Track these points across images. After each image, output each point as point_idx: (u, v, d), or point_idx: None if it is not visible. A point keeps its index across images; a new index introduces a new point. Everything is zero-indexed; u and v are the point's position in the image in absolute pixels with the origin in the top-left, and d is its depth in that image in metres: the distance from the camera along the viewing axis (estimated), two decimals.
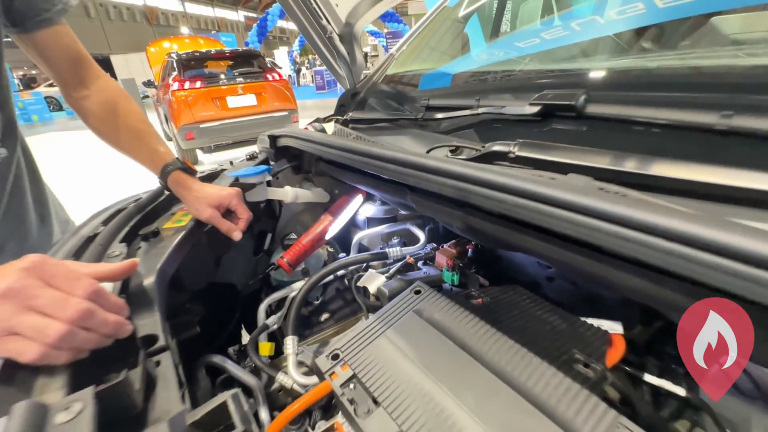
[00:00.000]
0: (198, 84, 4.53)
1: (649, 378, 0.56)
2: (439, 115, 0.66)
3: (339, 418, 0.55)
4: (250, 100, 4.78)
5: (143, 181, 1.01)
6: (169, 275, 0.57)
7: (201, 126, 4.48)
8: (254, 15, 40.81)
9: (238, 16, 39.50)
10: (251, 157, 0.93)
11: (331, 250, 1.01)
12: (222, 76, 4.86)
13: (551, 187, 0.32)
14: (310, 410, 0.64)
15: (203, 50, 5.42)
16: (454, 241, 0.80)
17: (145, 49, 12.21)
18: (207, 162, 5.11)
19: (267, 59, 5.62)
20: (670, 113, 0.38)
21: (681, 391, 0.54)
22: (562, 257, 0.37)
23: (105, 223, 0.60)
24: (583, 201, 0.30)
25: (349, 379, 0.53)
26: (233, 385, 0.68)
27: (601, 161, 0.38)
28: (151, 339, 0.44)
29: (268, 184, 0.87)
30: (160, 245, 0.59)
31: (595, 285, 0.59)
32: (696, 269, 0.24)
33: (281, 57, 18.22)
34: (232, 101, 4.68)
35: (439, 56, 1.06)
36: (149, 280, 0.50)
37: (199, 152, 4.96)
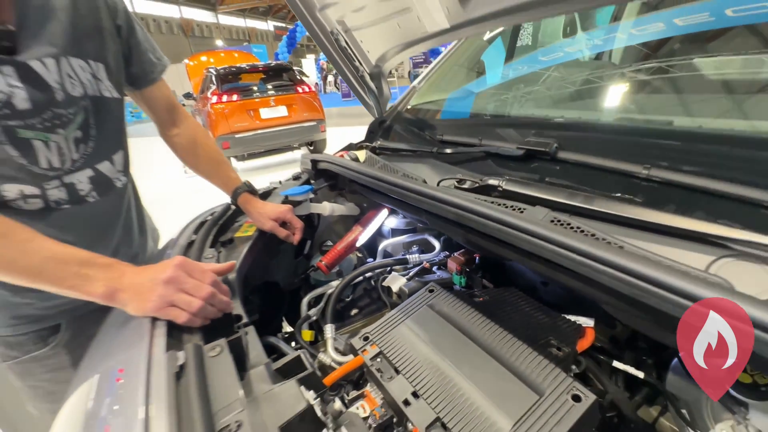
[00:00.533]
0: (234, 97, 4.87)
1: (616, 363, 0.71)
2: (449, 150, 0.83)
3: (368, 388, 0.72)
4: (281, 111, 5.09)
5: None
6: (242, 273, 0.76)
7: (236, 136, 4.81)
8: (283, 25, 42.14)
9: (268, 25, 40.93)
10: (296, 177, 1.13)
11: (360, 255, 1.19)
12: (255, 89, 5.20)
13: (516, 218, 0.48)
14: (341, 384, 0.81)
15: (238, 65, 5.78)
16: (463, 250, 0.95)
17: (181, 60, 13.00)
18: (240, 168, 5.45)
19: (295, 68, 5.95)
20: (611, 163, 0.53)
21: (640, 374, 0.68)
22: (530, 266, 0.52)
23: (195, 232, 0.81)
24: (535, 229, 0.46)
25: (377, 355, 0.69)
26: None
27: (559, 196, 0.54)
28: (239, 317, 0.63)
29: (310, 200, 1.06)
30: (235, 250, 0.79)
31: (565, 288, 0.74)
32: (592, 274, 0.40)
33: (309, 65, 18.81)
34: (265, 113, 4.99)
35: (456, 88, 1.23)
36: (233, 276, 0.69)
37: (232, 159, 5.31)
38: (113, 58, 0.79)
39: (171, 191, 4.83)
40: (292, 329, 1.00)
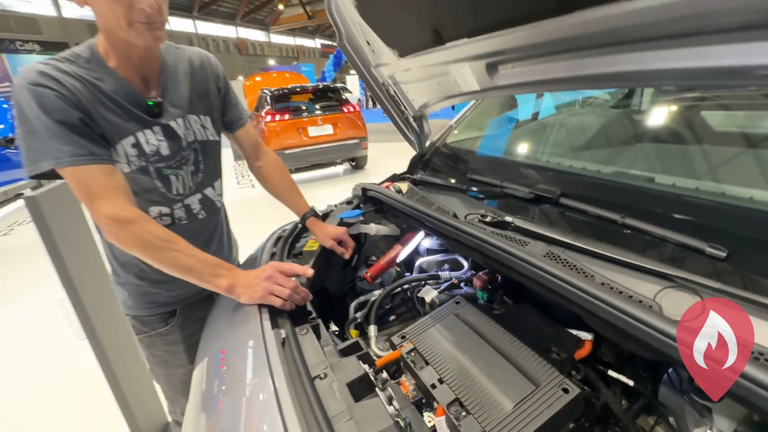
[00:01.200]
0: (286, 116, 5.31)
1: (611, 372, 0.85)
2: (475, 188, 1.02)
3: (402, 377, 0.91)
4: (327, 129, 5.47)
5: None
6: (310, 280, 0.98)
7: (286, 152, 5.23)
8: (329, 42, 44.03)
9: (315, 43, 43.00)
10: (348, 202, 1.36)
11: (399, 269, 1.39)
12: (305, 109, 5.63)
13: (519, 250, 0.66)
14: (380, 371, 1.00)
15: (291, 86, 6.28)
16: (486, 270, 1.13)
17: (236, 77, 14.11)
18: None
19: (338, 84, 6.35)
20: (597, 210, 0.69)
21: (630, 382, 0.82)
22: (531, 286, 0.70)
23: (274, 244, 1.05)
24: (530, 259, 0.64)
25: (411, 350, 0.88)
26: None
27: (556, 233, 0.71)
28: (310, 312, 0.85)
29: (360, 222, 1.28)
30: (304, 262, 1.02)
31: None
32: (571, 296, 0.57)
33: (353, 81, 19.57)
34: (313, 131, 5.39)
35: (486, 131, 1.42)
36: (304, 281, 0.92)
37: None
38: (215, 112, 1.05)
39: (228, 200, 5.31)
40: (337, 328, 1.21)
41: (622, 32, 0.60)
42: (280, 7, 31.56)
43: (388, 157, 7.30)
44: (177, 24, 25.61)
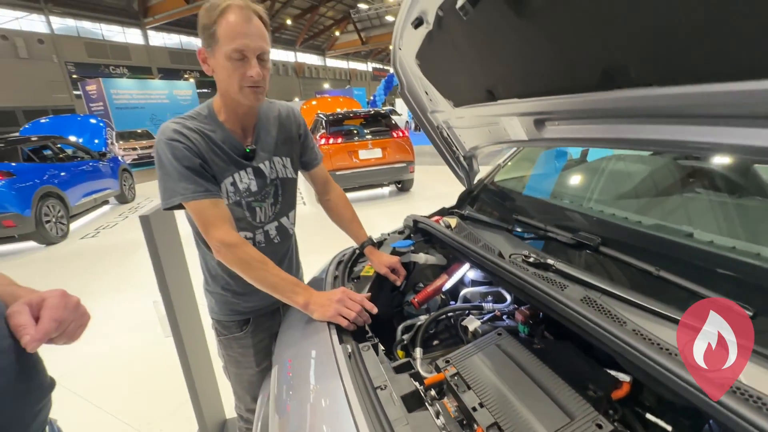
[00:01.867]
0: (339, 140, 5.65)
1: (649, 416, 0.88)
2: (519, 229, 1.11)
3: (445, 399, 1.00)
4: (377, 153, 5.72)
5: None
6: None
7: (337, 173, 5.54)
8: (381, 66, 45.69)
9: (367, 67, 44.86)
10: (400, 232, 1.49)
11: (444, 297, 1.49)
12: (356, 132, 5.95)
13: (557, 293, 0.75)
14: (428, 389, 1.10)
15: (344, 111, 6.67)
16: (529, 305, 1.19)
17: (292, 98, 15.13)
18: None
19: (388, 107, 6.64)
20: (634, 261, 0.76)
21: (668, 428, 0.85)
22: (571, 327, 0.78)
23: (336, 267, 1.20)
24: (568, 302, 0.73)
25: (455, 374, 0.97)
26: None
27: (594, 279, 0.78)
28: (368, 332, 0.97)
29: (411, 252, 1.41)
30: (361, 285, 1.15)
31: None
32: (604, 339, 0.65)
33: (402, 104, 20.12)
34: (363, 154, 5.67)
35: (534, 170, 1.50)
36: None
37: None
38: (295, 154, 1.25)
39: None
40: (383, 347, 1.33)
41: (663, 109, 0.68)
42: (337, 33, 33.48)
43: (434, 181, 7.42)
44: None
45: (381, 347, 1.22)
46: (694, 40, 0.52)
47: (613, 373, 0.96)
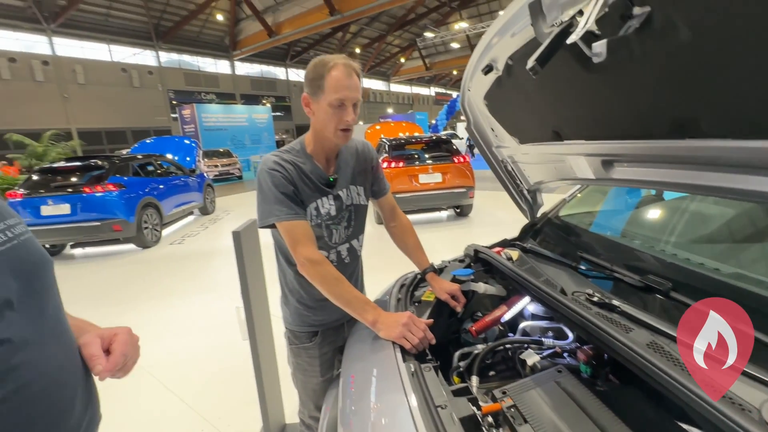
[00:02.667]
0: (401, 164, 5.84)
1: None
2: (584, 267, 1.11)
3: (501, 431, 1.02)
4: (437, 178, 5.81)
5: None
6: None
7: (397, 196, 5.70)
8: (443, 90, 46.25)
9: (430, 91, 45.69)
10: (461, 260, 1.54)
11: (502, 328, 1.49)
12: (417, 157, 6.11)
13: (623, 336, 0.76)
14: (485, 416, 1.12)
15: (407, 136, 6.89)
16: (593, 345, 1.17)
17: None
18: None
19: (449, 131, 6.71)
20: None
21: None
22: (636, 372, 0.78)
23: (399, 290, 1.29)
24: (634, 346, 0.74)
25: (511, 406, 0.99)
26: None
27: (662, 324, 0.77)
28: (427, 355, 1.04)
29: (470, 280, 1.45)
30: (422, 309, 1.23)
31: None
32: (672, 388, 0.65)
33: (463, 128, 20.13)
34: (423, 178, 5.79)
35: (603, 207, 1.48)
36: None
37: None
38: (367, 183, 1.38)
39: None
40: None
41: (737, 160, 0.69)
42: (402, 60, 34.73)
43: (493, 207, 7.28)
44: None
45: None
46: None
47: (684, 426, 0.92)
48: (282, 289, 1.38)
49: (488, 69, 1.11)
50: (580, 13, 0.72)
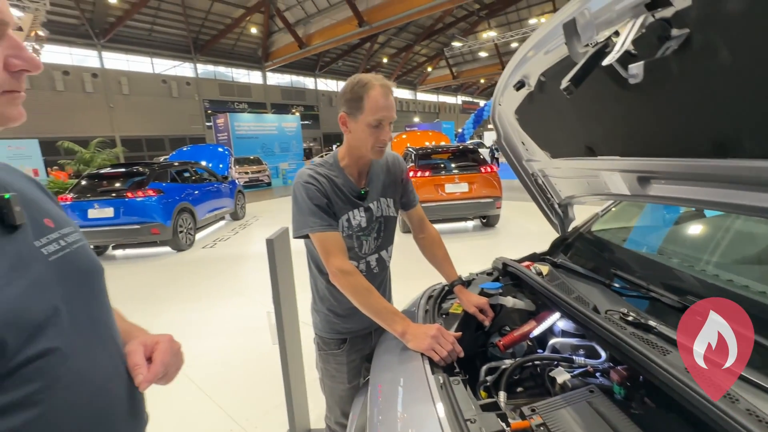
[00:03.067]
0: (427, 173, 5.85)
1: None
2: (618, 285, 1.09)
3: None
4: (463, 187, 5.78)
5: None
6: None
7: (422, 205, 5.68)
8: (470, 99, 45.97)
9: (457, 100, 45.54)
10: (488, 274, 1.54)
11: (530, 344, 1.47)
12: (443, 166, 6.10)
13: (660, 358, 0.75)
14: None
15: (433, 146, 6.90)
16: (627, 365, 1.14)
17: None
18: None
19: (475, 140, 6.66)
20: (756, 336, 0.71)
21: None
22: (674, 396, 0.76)
23: (426, 302, 1.30)
24: (672, 370, 0.72)
25: (540, 425, 0.98)
26: None
27: None
28: (455, 368, 1.04)
29: (499, 294, 1.44)
30: (450, 322, 1.23)
31: None
32: (713, 415, 0.64)
33: (490, 137, 19.92)
34: (449, 188, 5.77)
35: (638, 222, 1.44)
36: None
37: None
38: (397, 195, 1.41)
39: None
40: None
41: None
42: (429, 69, 34.87)
43: (521, 217, 7.14)
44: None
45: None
46: None
47: None
48: (313, 296, 1.43)
49: (520, 85, 1.12)
50: (616, 33, 0.72)
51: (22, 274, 0.50)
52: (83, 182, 6.06)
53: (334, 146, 27.91)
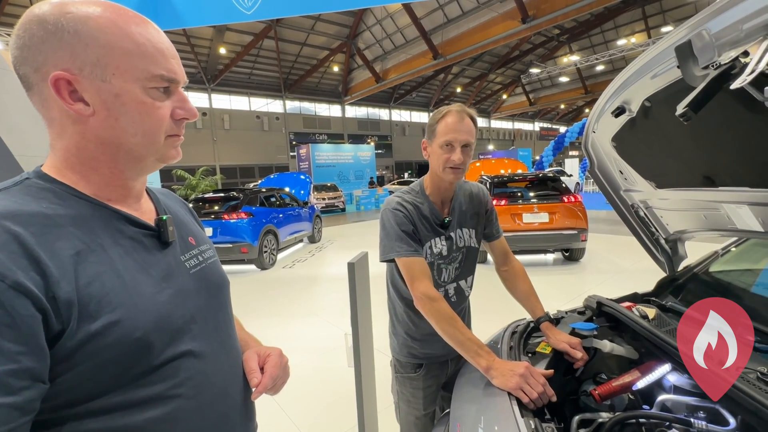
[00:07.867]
0: (503, 202, 5.65)
1: None
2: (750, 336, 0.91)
3: None
4: (543, 217, 5.44)
5: None
6: None
7: None
8: (549, 125, 43.89)
9: (534, 126, 43.77)
10: (580, 312, 1.41)
11: (632, 397, 1.29)
12: (520, 195, 5.84)
13: None
14: None
15: (509, 174, 6.67)
16: None
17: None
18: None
19: (555, 168, 6.24)
20: None
21: None
22: None
23: (510, 337, 1.23)
24: None
25: None
26: None
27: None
28: (545, 413, 0.96)
29: (593, 336, 1.31)
30: (535, 361, 1.14)
31: None
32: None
33: (572, 164, 18.63)
34: (527, 217, 5.48)
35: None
36: None
37: None
38: (480, 227, 1.39)
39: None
40: None
41: None
42: (504, 96, 34.28)
43: (610, 252, 6.45)
44: (416, 116, 31.87)
45: None
46: None
47: None
48: (391, 319, 1.44)
49: (619, 111, 1.05)
50: (745, 54, 0.65)
51: (171, 284, 0.60)
52: (190, 205, 6.97)
53: (405, 174, 28.51)
